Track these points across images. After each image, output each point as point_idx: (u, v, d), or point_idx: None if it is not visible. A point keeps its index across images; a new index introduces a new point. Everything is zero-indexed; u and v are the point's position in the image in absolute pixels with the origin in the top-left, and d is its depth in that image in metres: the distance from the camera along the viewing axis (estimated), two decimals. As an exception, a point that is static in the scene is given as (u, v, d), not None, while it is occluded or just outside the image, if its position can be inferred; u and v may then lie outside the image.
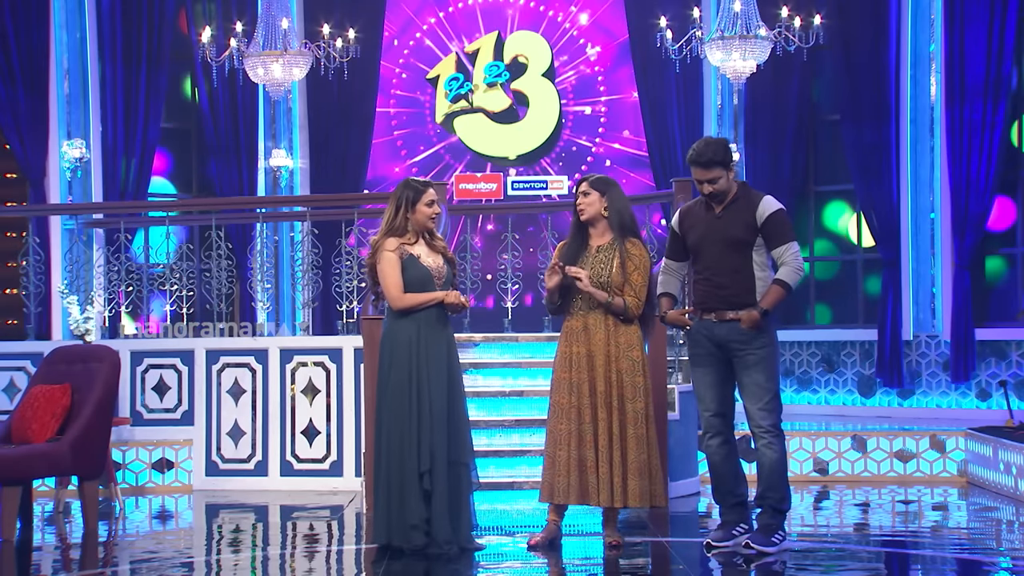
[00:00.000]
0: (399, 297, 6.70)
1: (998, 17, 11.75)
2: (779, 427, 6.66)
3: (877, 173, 12.34)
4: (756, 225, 6.58)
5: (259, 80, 11.79)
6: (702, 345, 6.72)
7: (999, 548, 7.22)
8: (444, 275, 6.79)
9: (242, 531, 8.09)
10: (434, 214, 6.78)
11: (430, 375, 6.63)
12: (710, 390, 6.74)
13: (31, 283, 10.39)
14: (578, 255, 6.81)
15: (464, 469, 6.70)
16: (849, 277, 13.20)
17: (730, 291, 6.61)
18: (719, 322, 6.63)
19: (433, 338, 6.70)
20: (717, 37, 11.26)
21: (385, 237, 6.74)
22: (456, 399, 6.74)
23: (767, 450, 6.63)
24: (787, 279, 6.55)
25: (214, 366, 9.56)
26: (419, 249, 6.75)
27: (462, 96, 14.25)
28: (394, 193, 6.82)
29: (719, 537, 6.76)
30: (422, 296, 6.70)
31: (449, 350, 6.77)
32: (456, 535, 6.62)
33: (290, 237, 12.90)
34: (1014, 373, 11.72)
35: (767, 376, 6.59)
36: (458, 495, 6.66)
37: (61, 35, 12.48)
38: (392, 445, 6.62)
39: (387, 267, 6.69)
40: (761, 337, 6.58)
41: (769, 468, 6.64)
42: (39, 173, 12.32)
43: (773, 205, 6.62)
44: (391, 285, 6.69)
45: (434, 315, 6.73)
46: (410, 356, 6.64)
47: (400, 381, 6.64)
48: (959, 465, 9.50)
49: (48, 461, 7.36)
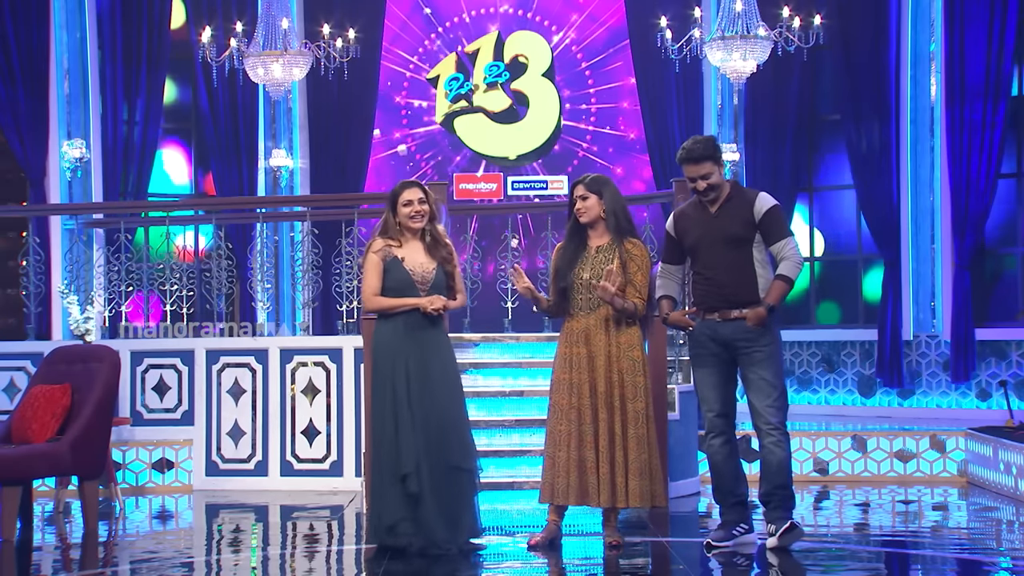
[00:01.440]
0: (369, 299, 6.75)
1: (998, 17, 11.76)
2: (785, 425, 6.65)
3: (877, 173, 12.35)
4: (754, 221, 6.59)
5: (259, 80, 11.80)
6: (705, 346, 6.71)
7: (999, 548, 7.22)
8: (431, 280, 6.74)
9: (242, 531, 8.09)
10: (413, 213, 6.75)
11: (411, 377, 6.62)
12: (714, 391, 6.73)
13: (31, 283, 10.39)
14: (577, 257, 6.81)
15: (464, 473, 6.68)
16: (849, 277, 13.20)
17: (731, 289, 6.61)
18: (723, 321, 6.62)
19: (421, 342, 6.67)
20: (717, 37, 11.27)
21: (375, 238, 6.78)
22: (451, 402, 6.70)
23: (776, 448, 6.61)
24: (789, 274, 6.55)
25: (214, 366, 9.56)
26: (406, 251, 6.74)
27: (462, 96, 14.25)
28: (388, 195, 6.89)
29: (719, 537, 6.76)
30: (393, 301, 6.69)
31: (439, 352, 6.73)
32: (455, 536, 6.62)
33: (290, 237, 12.90)
34: (1014, 373, 11.72)
35: (774, 373, 6.59)
36: (457, 498, 6.65)
37: (61, 35, 12.49)
38: (376, 447, 6.66)
39: (367, 267, 6.75)
40: (767, 334, 6.58)
41: (777, 467, 6.62)
42: (39, 173, 12.33)
43: (769, 201, 6.64)
44: (365, 286, 6.75)
45: (419, 320, 6.71)
46: (388, 358, 6.65)
47: (379, 383, 6.66)
48: (959, 465, 9.50)
49: (48, 461, 7.35)
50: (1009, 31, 11.77)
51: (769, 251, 6.64)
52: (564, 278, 6.80)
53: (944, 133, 12.05)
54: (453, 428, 6.69)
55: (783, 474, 6.64)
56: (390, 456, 6.57)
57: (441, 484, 6.60)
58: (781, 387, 6.63)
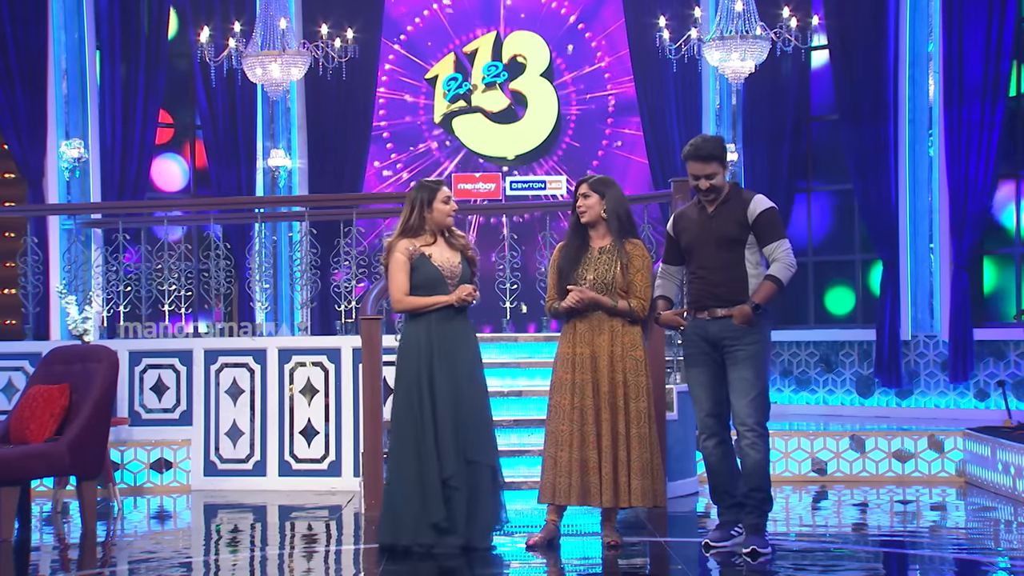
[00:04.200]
0: (399, 299, 6.75)
1: (996, 17, 11.74)
2: (764, 426, 6.61)
3: (875, 173, 12.34)
4: (747, 223, 6.59)
5: (257, 80, 11.79)
6: (696, 345, 6.72)
7: (997, 548, 7.22)
8: (459, 274, 6.79)
9: (240, 531, 8.09)
10: (452, 211, 6.84)
11: (442, 377, 6.63)
12: (704, 390, 6.73)
13: (29, 283, 10.39)
14: (579, 257, 6.81)
15: (486, 469, 6.69)
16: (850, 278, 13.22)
17: (724, 289, 6.61)
18: (712, 320, 6.62)
19: (449, 339, 6.71)
20: (716, 37, 11.27)
21: (399, 238, 6.78)
22: (478, 397, 6.74)
23: (750, 450, 6.59)
24: (779, 275, 6.55)
25: (212, 366, 9.55)
26: (433, 249, 6.78)
27: (460, 96, 14.25)
28: (408, 195, 6.88)
29: (717, 537, 6.76)
30: (424, 300, 6.71)
31: (468, 344, 6.76)
32: (471, 533, 6.62)
33: (288, 237, 12.91)
34: (1012, 373, 11.72)
35: (754, 373, 6.56)
36: (477, 493, 6.65)
37: (60, 35, 12.48)
38: (407, 448, 6.62)
39: (394, 268, 6.74)
40: (752, 334, 6.56)
41: (751, 469, 6.61)
42: (37, 173, 12.32)
43: (764, 203, 6.64)
44: (394, 287, 6.75)
45: (448, 314, 6.74)
46: (420, 359, 6.66)
47: (411, 385, 6.66)
48: (957, 465, 9.50)
49: (46, 461, 7.35)
50: (1007, 31, 11.75)
51: (762, 253, 6.64)
52: (567, 278, 6.80)
53: (942, 133, 12.04)
54: (480, 424, 6.72)
55: (757, 476, 6.61)
56: (430, 457, 6.56)
57: (469, 481, 6.62)
58: (761, 388, 6.60)
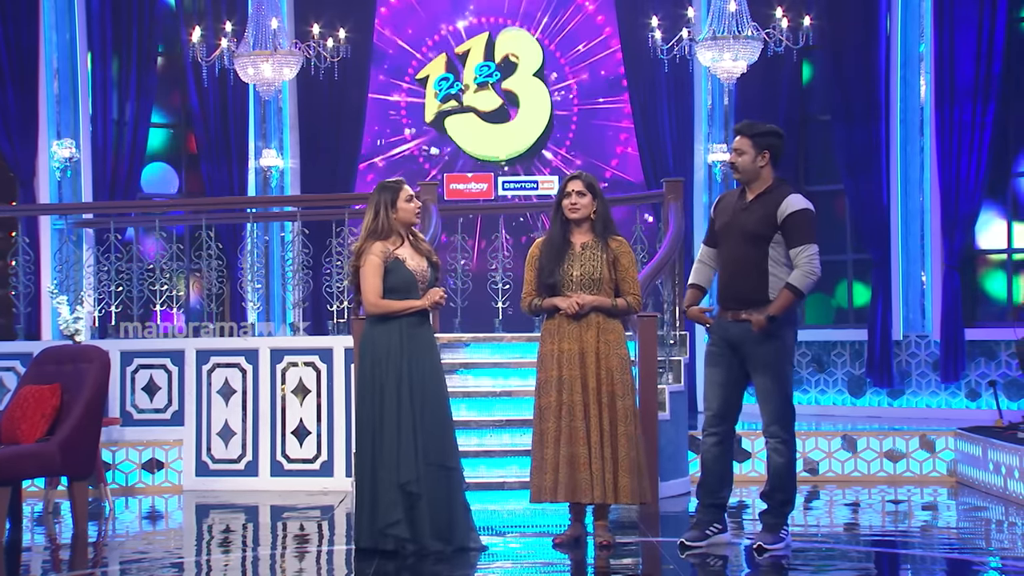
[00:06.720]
0: (375, 303, 6.68)
1: (987, 18, 11.77)
2: (788, 431, 6.57)
3: (867, 173, 12.36)
4: (776, 221, 6.48)
5: (249, 80, 11.78)
6: (718, 345, 6.70)
7: (988, 548, 7.23)
8: (427, 278, 6.77)
9: (232, 531, 8.09)
10: (417, 208, 6.79)
11: (414, 381, 6.62)
12: (716, 389, 6.71)
13: (20, 283, 10.37)
14: (562, 253, 6.81)
15: (453, 472, 6.68)
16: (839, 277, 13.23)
17: (743, 286, 6.55)
18: (733, 322, 6.58)
19: (416, 342, 6.69)
20: (708, 37, 11.27)
21: (370, 241, 6.72)
22: (442, 401, 6.73)
23: (774, 454, 6.61)
24: (797, 283, 6.42)
25: (204, 366, 9.54)
26: (404, 252, 6.74)
27: (452, 96, 14.24)
28: (371, 198, 6.80)
29: (694, 537, 6.74)
30: (399, 304, 6.68)
31: (430, 351, 6.74)
32: (453, 535, 6.61)
33: (280, 237, 12.89)
34: (1003, 373, 11.75)
35: (774, 379, 6.53)
36: (447, 497, 6.65)
37: (51, 35, 12.46)
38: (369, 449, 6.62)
39: (369, 271, 6.67)
40: (772, 341, 6.50)
41: (775, 471, 6.62)
42: (29, 173, 12.30)
43: (797, 204, 6.49)
44: (369, 290, 6.68)
45: (418, 318, 6.73)
46: (393, 362, 6.62)
47: (376, 385, 6.63)
48: (949, 465, 9.52)
49: (37, 461, 7.33)
50: (998, 32, 11.78)
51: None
52: (552, 275, 6.79)
53: (934, 134, 12.06)
54: (444, 428, 6.70)
55: (779, 479, 6.61)
56: (391, 460, 6.55)
57: (434, 485, 6.60)
58: (783, 394, 6.56)
